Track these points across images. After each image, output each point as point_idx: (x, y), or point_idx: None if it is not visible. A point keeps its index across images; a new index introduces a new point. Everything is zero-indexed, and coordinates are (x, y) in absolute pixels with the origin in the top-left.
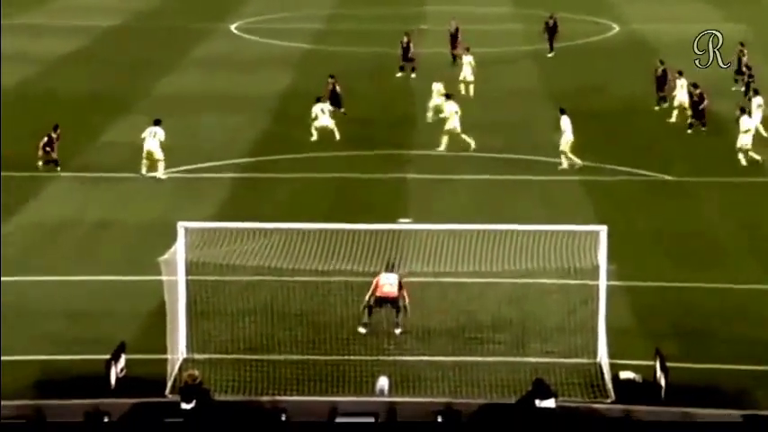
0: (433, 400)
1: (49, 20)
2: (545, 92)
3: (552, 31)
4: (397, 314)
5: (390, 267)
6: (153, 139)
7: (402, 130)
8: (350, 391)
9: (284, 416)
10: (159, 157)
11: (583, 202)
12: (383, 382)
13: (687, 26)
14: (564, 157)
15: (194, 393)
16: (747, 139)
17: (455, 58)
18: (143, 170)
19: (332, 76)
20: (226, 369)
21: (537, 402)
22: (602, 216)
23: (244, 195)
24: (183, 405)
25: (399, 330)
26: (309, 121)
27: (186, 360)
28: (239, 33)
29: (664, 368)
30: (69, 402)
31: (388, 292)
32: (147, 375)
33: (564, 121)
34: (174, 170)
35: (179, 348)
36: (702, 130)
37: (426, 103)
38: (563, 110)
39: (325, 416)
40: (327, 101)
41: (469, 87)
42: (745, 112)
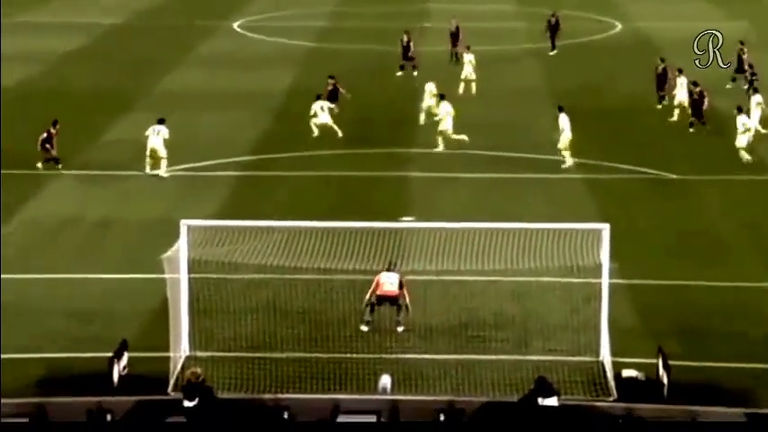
0: (436, 399)
1: (52, 18)
2: (547, 90)
3: (554, 29)
4: (398, 312)
5: (391, 266)
6: (156, 137)
7: (404, 128)
8: (352, 389)
9: (286, 413)
10: (162, 154)
11: (585, 200)
12: (385, 380)
13: (690, 24)
14: (567, 154)
15: (197, 391)
16: (746, 138)
17: (457, 56)
18: (147, 169)
19: (332, 77)
20: (228, 367)
21: (539, 400)
22: (604, 214)
23: (246, 193)
24: (186, 403)
25: (401, 328)
26: (308, 118)
27: (189, 358)
28: (242, 31)
29: (666, 366)
30: (72, 400)
31: (388, 291)
32: (150, 373)
33: (562, 120)
34: (177, 168)
35: (181, 346)
36: (703, 127)
37: (422, 102)
38: (561, 108)
39: (328, 414)
40: (326, 100)
41: (471, 86)
42: (742, 111)
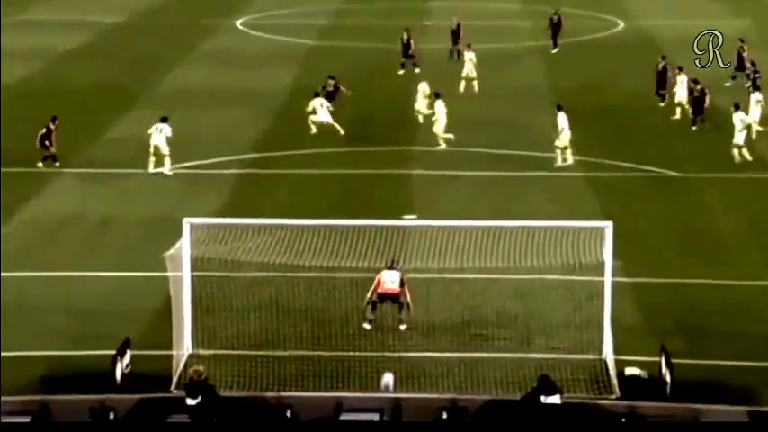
0: (438, 396)
1: (54, 16)
2: (550, 88)
3: (556, 27)
4: (401, 311)
5: (392, 264)
6: (159, 135)
7: (406, 126)
8: (355, 386)
9: (289, 411)
10: (165, 152)
11: (588, 198)
12: (388, 378)
13: (692, 22)
14: (568, 152)
15: (200, 389)
16: (743, 136)
17: (459, 54)
18: (150, 167)
19: (332, 77)
20: (231, 365)
21: (542, 398)
22: (607, 212)
23: (248, 191)
24: (189, 401)
25: (404, 326)
26: (307, 114)
27: (191, 356)
28: (244, 29)
29: (669, 364)
30: (75, 398)
31: (389, 289)
32: (153, 371)
33: (561, 118)
34: (179, 166)
35: (184, 344)
36: (706, 125)
37: (424, 104)
38: (560, 106)
39: (330, 412)
40: (324, 96)
41: (472, 84)
42: (739, 108)
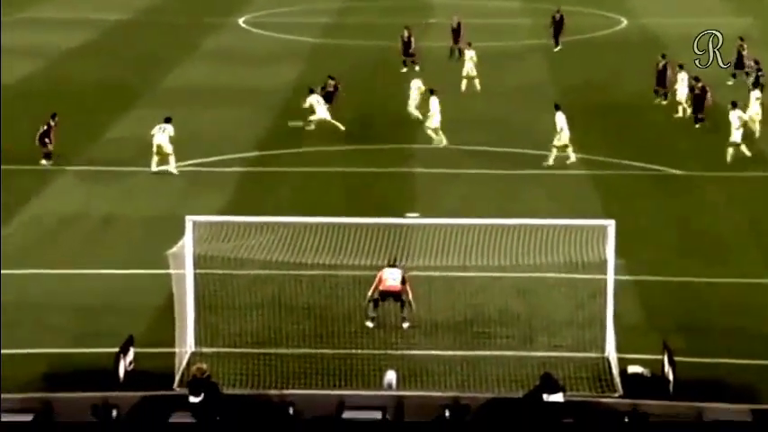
0: (441, 395)
1: (57, 14)
2: (552, 86)
3: (558, 25)
4: (402, 308)
5: (394, 262)
6: (162, 134)
7: (408, 124)
8: (357, 384)
9: (292, 409)
10: (169, 151)
11: (590, 196)
12: (391, 376)
13: (695, 20)
14: (570, 150)
15: (202, 387)
16: (739, 134)
17: (460, 52)
18: (153, 166)
19: (332, 77)
20: (234, 363)
21: (545, 397)
22: (609, 210)
23: (251, 189)
24: (192, 398)
25: (407, 325)
26: (304, 111)
27: (194, 354)
28: (247, 27)
29: (672, 362)
30: (78, 395)
31: (391, 287)
32: (156, 369)
33: (559, 118)
34: (182, 164)
35: (187, 342)
36: (710, 123)
37: (417, 101)
38: (558, 106)
39: (333, 409)
40: (322, 98)
41: (473, 82)
42: (736, 106)
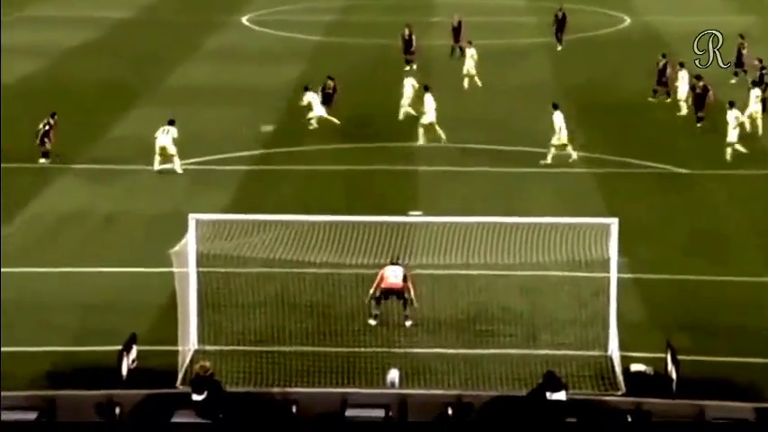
0: (444, 393)
1: (59, 12)
2: (555, 84)
3: (561, 23)
4: (405, 306)
5: (395, 260)
6: (166, 136)
7: (410, 122)
8: (360, 382)
9: (295, 407)
10: (172, 152)
11: (593, 194)
12: (394, 374)
13: (699, 18)
14: (570, 149)
15: (205, 385)
16: (736, 134)
17: (461, 50)
18: (155, 165)
19: (331, 78)
20: (237, 360)
21: (548, 395)
22: (612, 209)
23: (254, 187)
24: (195, 396)
25: (410, 323)
26: (303, 110)
27: (197, 351)
28: (250, 25)
29: (675, 361)
30: (81, 393)
31: (393, 284)
32: (159, 367)
33: (557, 117)
34: (185, 162)
35: (190, 340)
36: (704, 123)
37: (411, 99)
38: (556, 105)
39: (336, 407)
40: (321, 97)
41: (474, 80)
42: (734, 105)
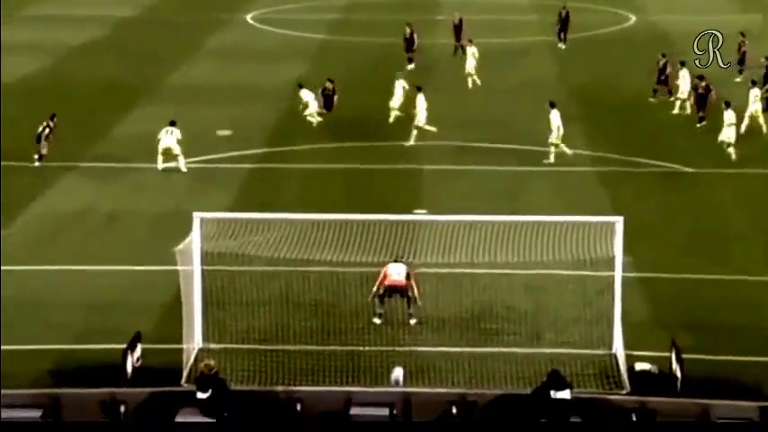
0: (448, 391)
1: (63, 10)
2: (559, 83)
3: (564, 22)
4: (409, 305)
5: (398, 257)
6: (170, 137)
7: (413, 121)
8: (365, 381)
9: (299, 406)
10: (177, 152)
11: (599, 192)
12: (398, 372)
13: (704, 17)
14: (563, 146)
15: (210, 383)
16: (730, 132)
17: (463, 49)
18: (159, 164)
19: (331, 80)
20: (241, 359)
21: (552, 393)
22: (617, 207)
23: (258, 186)
24: (199, 395)
25: (414, 321)
26: (301, 108)
27: (202, 350)
28: (254, 24)
29: (679, 359)
30: (86, 391)
31: (396, 281)
32: (163, 365)
33: (554, 115)
34: (189, 161)
35: (195, 338)
36: (713, 121)
37: (401, 101)
38: (553, 103)
39: (341, 406)
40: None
41: (475, 79)
42: (729, 105)
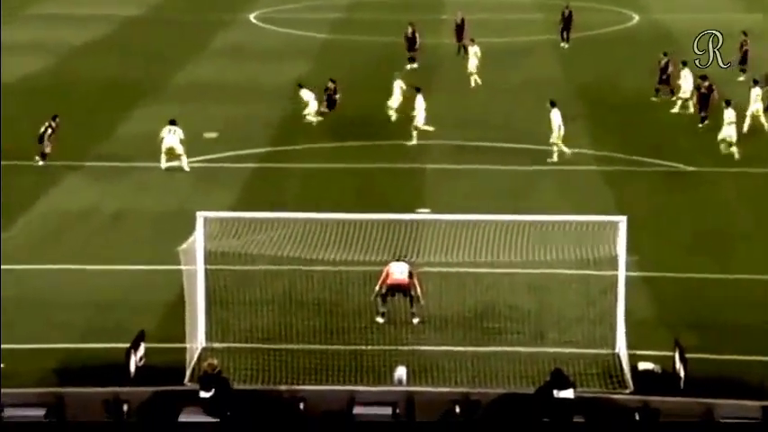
0: (451, 390)
1: (66, 9)
2: (563, 82)
3: (567, 21)
4: (412, 304)
5: (400, 256)
6: (173, 136)
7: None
8: (368, 380)
9: (302, 405)
10: (180, 152)
11: (602, 192)
12: (401, 371)
13: (707, 16)
14: (561, 145)
15: (213, 382)
16: (731, 130)
17: (465, 49)
18: (162, 163)
19: (333, 80)
20: (244, 358)
21: (555, 393)
22: (620, 206)
23: (262, 185)
24: (202, 394)
25: (417, 320)
26: (301, 108)
27: (205, 349)
28: (258, 23)
29: (683, 359)
30: (89, 390)
31: (398, 280)
32: (167, 364)
33: (554, 114)
34: (193, 160)
35: (198, 337)
36: (705, 123)
37: (399, 101)
38: (553, 102)
39: (344, 405)
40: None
41: (476, 78)
42: (730, 104)
